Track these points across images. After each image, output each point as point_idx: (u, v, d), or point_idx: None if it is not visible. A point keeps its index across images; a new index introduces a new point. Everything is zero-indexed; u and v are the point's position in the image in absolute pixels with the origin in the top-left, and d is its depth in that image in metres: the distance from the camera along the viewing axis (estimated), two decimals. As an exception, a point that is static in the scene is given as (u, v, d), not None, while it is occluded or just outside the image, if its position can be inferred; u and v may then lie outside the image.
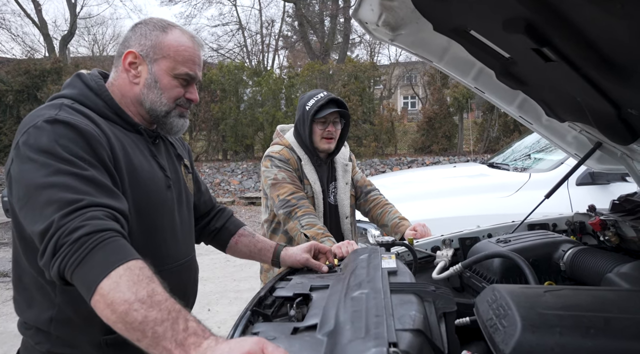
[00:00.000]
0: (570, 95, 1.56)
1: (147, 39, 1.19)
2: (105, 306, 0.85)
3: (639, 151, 1.59)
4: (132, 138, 1.21)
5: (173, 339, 0.79)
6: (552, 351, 0.83)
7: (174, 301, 0.85)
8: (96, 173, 1.02)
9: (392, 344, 0.77)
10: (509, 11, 1.30)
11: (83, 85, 1.19)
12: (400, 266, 1.28)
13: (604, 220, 1.54)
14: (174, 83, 1.21)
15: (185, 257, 1.31)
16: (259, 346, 0.75)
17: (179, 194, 1.31)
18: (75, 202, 0.94)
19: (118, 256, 0.89)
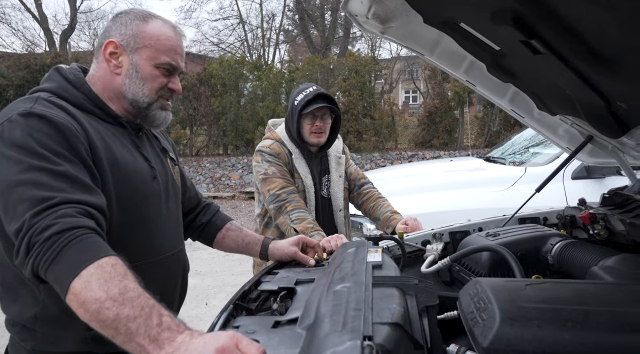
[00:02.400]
0: (560, 88, 1.55)
1: (128, 29, 1.17)
2: (78, 305, 0.85)
3: (629, 144, 1.59)
4: (113, 131, 1.19)
5: (146, 335, 0.79)
6: (530, 344, 0.84)
7: (148, 296, 0.84)
8: (71, 168, 1.00)
9: (367, 337, 0.77)
10: (496, 3, 1.30)
11: (62, 79, 1.17)
12: (385, 260, 1.28)
13: (594, 214, 1.53)
14: (155, 73, 1.19)
15: (174, 250, 1.30)
16: (233, 341, 0.74)
17: (165, 186, 1.29)
18: (47, 200, 0.92)
19: (89, 253, 0.88)
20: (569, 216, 1.70)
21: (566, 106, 1.63)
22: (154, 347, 0.77)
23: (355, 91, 13.78)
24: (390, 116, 14.54)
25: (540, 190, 1.81)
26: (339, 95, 14.12)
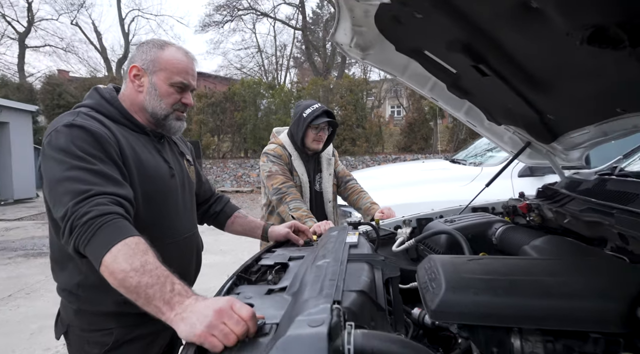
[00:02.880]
0: (504, 103, 1.54)
1: (147, 55, 1.18)
2: (108, 274, 0.86)
3: (559, 149, 1.58)
4: (140, 139, 1.20)
5: (161, 299, 0.80)
6: (467, 307, 0.83)
7: (164, 268, 0.85)
8: (104, 167, 1.01)
9: (336, 301, 0.77)
10: (449, 34, 1.29)
11: (99, 97, 1.19)
12: (361, 241, 1.28)
13: (529, 204, 1.52)
14: (170, 90, 1.19)
15: (188, 232, 1.30)
16: (229, 304, 0.75)
17: (182, 182, 1.29)
18: (85, 192, 0.94)
19: (118, 234, 0.89)
20: (511, 206, 1.69)
21: (509, 117, 1.62)
22: (167, 308, 0.79)
23: (350, 106, 13.76)
24: (378, 126, 14.50)
25: (489, 185, 1.80)
26: (337, 109, 14.08)
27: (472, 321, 0.84)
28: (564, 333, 0.82)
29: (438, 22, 1.24)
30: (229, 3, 20.31)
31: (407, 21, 1.36)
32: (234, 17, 20.75)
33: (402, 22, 1.39)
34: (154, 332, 1.17)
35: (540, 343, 0.83)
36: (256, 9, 20.65)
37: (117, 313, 1.11)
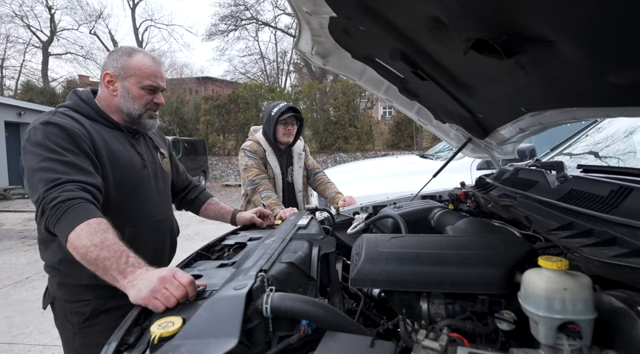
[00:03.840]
0: (444, 104, 1.59)
1: (118, 63, 1.21)
2: (72, 249, 0.91)
3: (493, 144, 1.63)
4: (114, 134, 1.23)
5: (117, 270, 0.85)
6: (379, 275, 0.89)
7: (121, 244, 0.90)
8: (75, 159, 1.05)
9: (263, 270, 0.83)
10: (389, 44, 1.34)
11: (77, 98, 1.23)
12: (311, 223, 1.33)
13: (466, 192, 1.58)
14: (142, 93, 1.22)
15: (161, 216, 1.32)
16: (171, 273, 0.80)
17: (154, 172, 1.32)
18: (55, 180, 0.98)
19: (82, 215, 0.93)
20: (454, 194, 1.75)
21: (450, 116, 1.67)
22: (121, 277, 0.84)
23: (343, 107, 13.79)
24: (369, 125, 14.53)
25: (435, 176, 1.86)
26: (331, 110, 14.10)
27: (382, 287, 0.91)
28: (460, 296, 0.89)
29: (378, 34, 1.29)
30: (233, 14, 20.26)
31: (354, 33, 1.41)
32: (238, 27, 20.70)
33: (352, 34, 1.44)
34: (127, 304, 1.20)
35: (442, 305, 0.90)
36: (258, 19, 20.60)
37: (93, 285, 1.13)
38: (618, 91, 0.71)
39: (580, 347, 0.64)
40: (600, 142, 1.87)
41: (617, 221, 0.71)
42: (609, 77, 0.67)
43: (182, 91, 17.46)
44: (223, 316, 0.69)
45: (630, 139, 1.71)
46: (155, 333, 0.68)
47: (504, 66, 0.94)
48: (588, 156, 1.81)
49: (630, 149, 1.66)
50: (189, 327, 0.69)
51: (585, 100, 0.86)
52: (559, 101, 0.96)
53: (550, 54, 0.75)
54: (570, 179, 0.99)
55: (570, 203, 0.88)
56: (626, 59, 0.60)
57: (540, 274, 0.68)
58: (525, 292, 0.70)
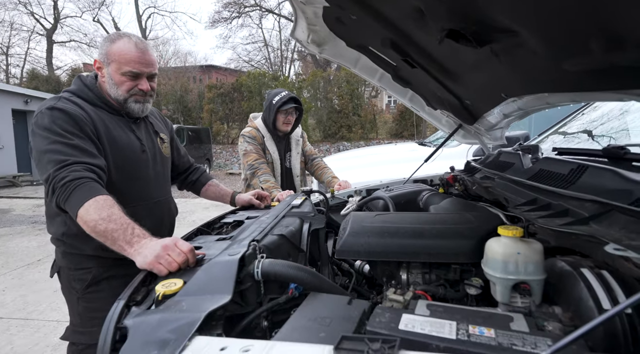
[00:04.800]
0: (434, 91, 1.65)
1: (102, 49, 1.24)
2: (82, 223, 0.99)
3: (482, 129, 1.70)
4: (115, 119, 1.28)
5: (124, 240, 0.94)
6: (361, 247, 0.98)
7: (127, 218, 0.98)
8: (80, 142, 1.12)
9: (255, 240, 0.93)
10: (380, 33, 1.40)
11: (81, 83, 1.27)
12: (305, 203, 1.42)
13: (455, 176, 1.65)
14: (123, 79, 1.24)
15: (159, 197, 1.38)
16: (173, 241, 0.89)
17: (153, 156, 1.37)
18: (64, 161, 1.06)
19: (89, 193, 1.01)
20: (444, 178, 1.82)
21: (440, 103, 1.74)
22: (128, 246, 0.93)
23: (346, 96, 13.76)
24: (372, 114, 14.52)
25: (427, 161, 1.93)
26: (335, 99, 14.08)
27: (365, 257, 1.01)
28: (435, 265, 0.98)
29: (369, 23, 1.35)
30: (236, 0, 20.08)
31: (347, 22, 1.47)
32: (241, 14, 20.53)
33: (345, 23, 1.50)
34: (127, 274, 1.23)
35: (420, 274, 0.99)
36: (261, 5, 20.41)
37: (94, 256, 1.22)
38: (576, 77, 0.79)
39: (530, 304, 0.74)
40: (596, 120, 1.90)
41: (570, 195, 0.79)
42: (564, 64, 0.74)
43: (185, 79, 17.48)
44: (218, 277, 0.79)
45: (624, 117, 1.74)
46: (159, 291, 0.78)
47: (482, 54, 1.01)
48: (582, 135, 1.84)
49: (624, 127, 1.70)
50: (189, 286, 0.79)
51: (551, 86, 0.93)
52: (532, 87, 1.03)
53: (516, 43, 0.82)
54: (541, 160, 1.06)
55: (538, 181, 0.96)
56: (574, 48, 0.67)
57: (499, 241, 0.77)
58: (486, 257, 0.79)
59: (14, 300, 3.11)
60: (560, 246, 0.78)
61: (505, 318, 0.61)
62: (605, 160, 0.94)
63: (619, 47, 0.57)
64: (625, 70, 0.66)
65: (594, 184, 0.79)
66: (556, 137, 1.94)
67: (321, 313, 0.72)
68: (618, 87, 0.73)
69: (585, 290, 0.65)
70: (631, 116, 1.70)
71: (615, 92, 0.76)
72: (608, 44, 0.59)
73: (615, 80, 0.71)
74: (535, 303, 0.74)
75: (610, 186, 0.75)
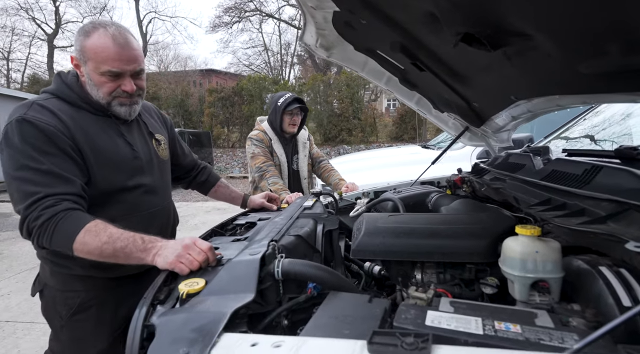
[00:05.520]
0: (442, 94, 1.67)
1: (77, 44, 1.07)
2: (84, 255, 0.94)
3: (489, 132, 1.72)
4: (100, 122, 1.12)
5: (138, 251, 0.91)
6: (377, 247, 1.00)
7: (128, 232, 0.94)
8: (53, 166, 0.98)
9: (274, 240, 0.94)
10: (390, 37, 1.42)
11: (60, 82, 1.11)
12: (316, 205, 1.44)
13: (462, 177, 1.67)
14: (102, 79, 1.07)
15: (157, 206, 1.25)
16: (192, 240, 0.90)
17: (148, 161, 1.23)
18: (34, 194, 0.95)
19: (75, 226, 0.93)
20: (451, 180, 1.84)
21: (447, 106, 1.75)
22: (145, 254, 0.91)
23: (347, 99, 13.80)
24: (372, 118, 14.55)
25: (434, 163, 1.95)
26: (335, 102, 14.12)
27: (380, 257, 1.02)
28: (450, 265, 0.99)
29: (379, 27, 1.37)
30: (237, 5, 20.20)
31: (357, 26, 1.50)
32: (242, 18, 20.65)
33: (354, 27, 1.52)
34: (118, 300, 1.17)
35: (434, 274, 1.00)
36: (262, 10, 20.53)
37: (86, 276, 1.12)
38: (589, 79, 0.81)
39: (549, 302, 0.75)
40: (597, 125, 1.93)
41: (586, 195, 0.80)
42: (579, 67, 0.76)
43: (186, 83, 17.53)
44: (241, 276, 0.80)
45: (626, 121, 1.76)
46: (183, 290, 0.79)
47: (494, 57, 1.03)
48: (584, 139, 1.87)
49: (626, 131, 1.72)
50: (212, 285, 0.80)
51: (563, 88, 0.95)
52: (543, 90, 1.05)
53: (530, 46, 0.84)
54: (553, 161, 1.08)
55: (551, 182, 0.97)
56: (591, 51, 0.69)
57: (517, 240, 0.78)
58: (504, 256, 0.80)
59: (19, 304, 3.11)
60: (576, 245, 0.79)
61: (530, 314, 0.62)
62: (617, 161, 0.96)
63: (638, 49, 0.59)
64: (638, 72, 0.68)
65: (609, 184, 0.81)
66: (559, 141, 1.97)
67: (343, 311, 0.73)
68: (632, 89, 0.74)
69: (605, 288, 0.66)
70: (633, 120, 1.72)
71: (628, 94, 0.77)
72: (626, 46, 0.61)
73: (629, 82, 0.73)
74: (555, 300, 0.75)
75: (626, 185, 0.77)
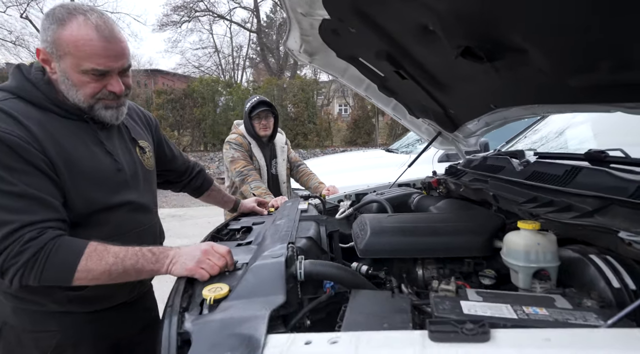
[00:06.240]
0: (419, 100, 1.78)
1: (48, 34, 0.87)
2: (89, 281, 0.83)
3: (460, 136, 1.85)
4: (73, 129, 0.93)
5: (150, 264, 0.86)
6: (384, 246, 1.05)
7: (129, 247, 0.87)
8: (25, 185, 0.81)
9: (290, 243, 0.95)
10: (377, 46, 1.48)
11: (22, 78, 0.91)
12: (310, 208, 1.47)
13: (438, 179, 1.78)
14: (84, 79, 0.89)
15: (144, 225, 1.09)
16: (210, 245, 0.89)
17: (133, 174, 1.06)
18: (8, 224, 0.78)
19: (72, 253, 0.82)
20: (427, 182, 1.94)
21: (423, 112, 1.87)
22: (159, 266, 0.87)
23: (302, 104, 13.88)
24: (327, 122, 14.78)
25: (410, 166, 2.05)
26: (290, 107, 14.15)
27: (387, 255, 1.07)
28: (449, 260, 1.07)
29: (367, 36, 1.43)
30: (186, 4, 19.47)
31: (344, 34, 1.55)
32: (191, 18, 19.94)
33: (340, 35, 1.57)
34: (98, 335, 1.02)
35: (435, 269, 1.07)
36: (213, 11, 19.99)
37: (62, 312, 0.96)
38: (573, 91, 0.92)
39: (549, 288, 0.84)
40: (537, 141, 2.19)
41: (572, 192, 0.92)
42: (568, 80, 0.87)
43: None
44: (268, 279, 0.81)
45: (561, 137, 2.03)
46: (208, 296, 0.77)
47: (480, 68, 1.13)
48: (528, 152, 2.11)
49: (562, 145, 1.98)
50: (239, 289, 0.79)
51: (545, 98, 1.07)
52: (524, 99, 1.17)
53: (522, 60, 0.94)
54: (532, 163, 1.21)
55: (534, 181, 1.09)
56: (583, 67, 0.80)
57: (519, 234, 0.87)
58: (508, 249, 0.89)
59: None
60: (566, 237, 0.90)
61: (548, 299, 0.70)
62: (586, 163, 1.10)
63: (626, 67, 0.70)
64: (621, 87, 0.79)
65: (589, 183, 0.93)
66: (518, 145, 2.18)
67: (372, 308, 0.77)
68: (609, 100, 0.87)
69: (597, 272, 0.77)
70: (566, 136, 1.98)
71: (604, 105, 0.90)
72: (616, 64, 0.71)
73: (608, 94, 0.85)
74: (553, 287, 0.84)
75: (605, 184, 0.89)
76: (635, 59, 0.67)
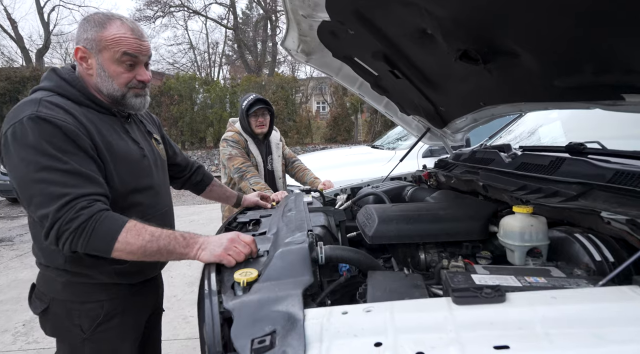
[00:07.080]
0: (411, 98, 1.88)
1: (89, 34, 1.01)
2: (126, 255, 0.92)
3: (448, 132, 1.97)
4: (106, 121, 1.07)
5: (181, 247, 0.94)
6: (392, 232, 1.13)
7: (164, 229, 0.96)
8: (77, 164, 0.93)
9: (309, 230, 1.02)
10: (374, 47, 1.56)
11: (58, 78, 1.04)
12: (314, 201, 1.54)
13: (429, 172, 1.90)
14: (119, 70, 1.03)
15: (164, 208, 1.22)
16: (236, 234, 0.96)
17: (154, 161, 1.20)
18: (64, 196, 0.89)
19: (115, 226, 0.92)
20: (417, 175, 2.05)
21: (414, 109, 1.97)
22: (189, 250, 0.94)
23: (281, 101, 13.87)
24: (307, 120, 14.84)
25: (402, 160, 2.17)
26: (269, 104, 14.10)
27: (394, 241, 1.16)
28: (449, 244, 1.17)
29: (365, 37, 1.51)
30: (160, -1, 18.95)
31: (342, 35, 1.62)
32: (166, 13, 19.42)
33: (338, 36, 1.64)
34: (140, 307, 1.17)
35: (436, 253, 1.17)
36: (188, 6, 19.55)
37: (109, 284, 1.07)
38: (558, 91, 1.04)
39: (541, 264, 0.96)
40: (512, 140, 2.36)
41: (558, 180, 1.04)
42: (554, 81, 0.98)
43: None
44: (294, 262, 0.88)
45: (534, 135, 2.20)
46: (241, 279, 0.84)
47: (473, 69, 1.24)
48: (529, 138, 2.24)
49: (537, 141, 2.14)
50: (269, 272, 0.86)
51: (531, 96, 1.19)
52: (512, 97, 1.29)
53: (514, 63, 1.05)
54: (520, 155, 1.33)
55: (523, 171, 1.21)
56: (570, 70, 0.91)
57: (515, 217, 0.98)
58: (505, 231, 1.00)
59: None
60: (553, 219, 1.02)
61: (545, 270, 0.81)
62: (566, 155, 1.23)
63: (607, 70, 0.81)
64: (601, 87, 0.92)
65: (572, 171, 1.05)
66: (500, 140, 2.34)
67: (391, 285, 0.85)
68: (589, 98, 0.99)
69: (581, 248, 0.89)
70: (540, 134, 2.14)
71: (585, 103, 1.02)
72: (599, 67, 0.83)
73: (589, 93, 0.97)
74: (544, 263, 0.96)
75: (585, 172, 1.01)
76: (614, 63, 0.79)
